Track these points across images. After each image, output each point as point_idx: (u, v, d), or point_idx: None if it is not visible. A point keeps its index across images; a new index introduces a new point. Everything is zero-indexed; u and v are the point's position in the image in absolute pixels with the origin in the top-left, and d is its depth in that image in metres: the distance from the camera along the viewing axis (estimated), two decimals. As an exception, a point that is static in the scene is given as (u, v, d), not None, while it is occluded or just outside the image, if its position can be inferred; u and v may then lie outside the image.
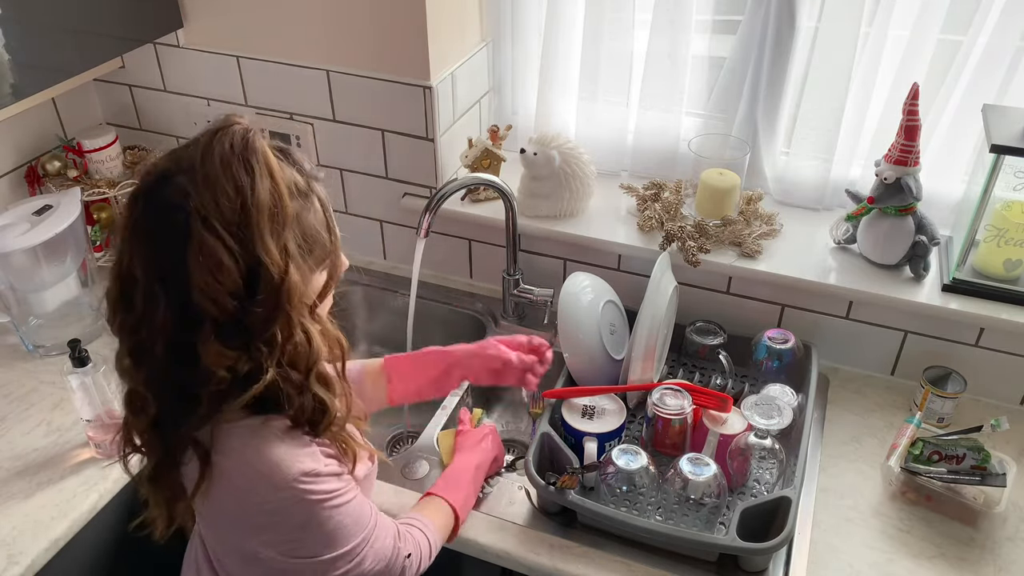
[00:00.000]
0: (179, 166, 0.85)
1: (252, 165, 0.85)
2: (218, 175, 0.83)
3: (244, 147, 0.85)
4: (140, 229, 0.85)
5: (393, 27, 1.54)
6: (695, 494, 1.21)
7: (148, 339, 0.86)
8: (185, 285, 0.83)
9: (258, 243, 0.84)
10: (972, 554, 1.24)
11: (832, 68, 1.51)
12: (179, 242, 0.83)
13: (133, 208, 0.86)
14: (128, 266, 0.86)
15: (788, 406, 1.32)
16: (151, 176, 0.86)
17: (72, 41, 1.50)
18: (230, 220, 0.83)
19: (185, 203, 0.82)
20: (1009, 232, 1.42)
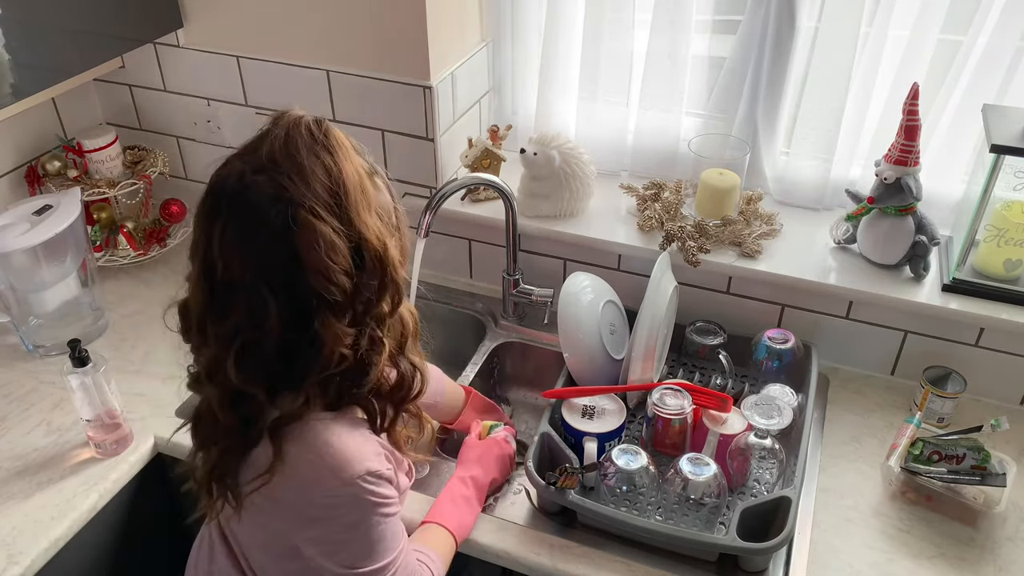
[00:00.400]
0: (260, 163, 0.86)
1: (333, 148, 0.88)
2: (307, 163, 0.86)
3: (323, 133, 0.89)
4: (236, 233, 0.85)
5: (393, 27, 1.54)
6: (695, 494, 1.21)
7: (254, 340, 0.87)
8: (298, 276, 0.85)
9: (356, 220, 0.87)
10: (972, 554, 1.24)
11: (832, 68, 1.51)
12: (285, 236, 0.84)
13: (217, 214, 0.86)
14: (225, 274, 0.86)
15: (788, 406, 1.32)
16: (232, 181, 0.86)
17: (72, 41, 1.50)
18: (329, 203, 0.86)
19: (283, 196, 0.84)
20: (1009, 232, 1.42)
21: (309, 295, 0.86)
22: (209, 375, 0.92)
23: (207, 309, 0.89)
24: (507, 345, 1.71)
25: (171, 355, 1.59)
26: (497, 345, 1.70)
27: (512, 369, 1.75)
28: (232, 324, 0.87)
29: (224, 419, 0.92)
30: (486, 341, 1.70)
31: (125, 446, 1.39)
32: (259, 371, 0.89)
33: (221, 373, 0.90)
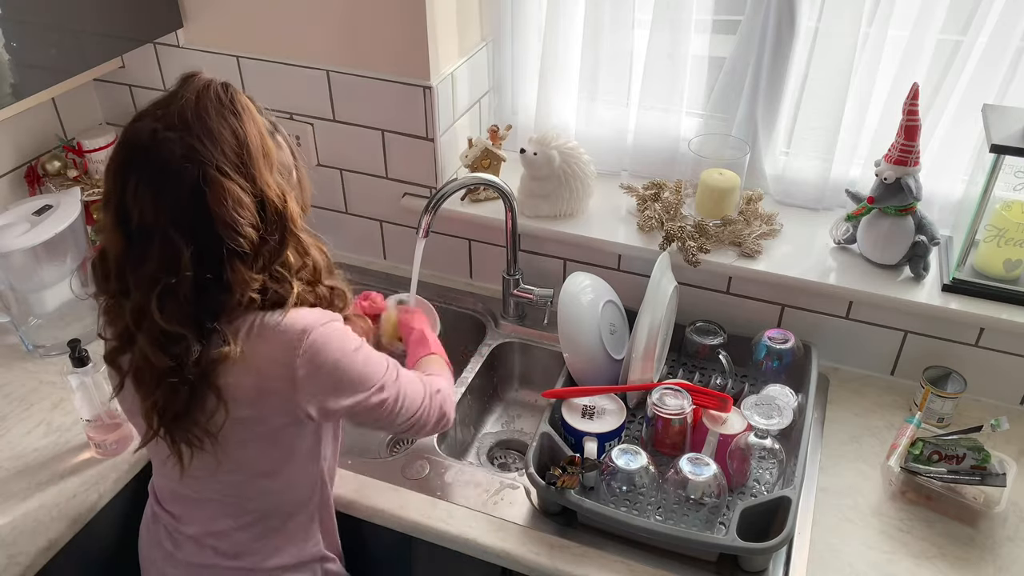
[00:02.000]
0: (172, 122, 0.93)
1: (239, 112, 0.97)
2: (218, 127, 0.94)
3: (230, 98, 0.97)
4: (149, 186, 0.92)
5: (393, 27, 1.54)
6: (695, 494, 1.21)
7: (172, 284, 0.93)
8: (208, 227, 0.93)
9: (259, 178, 0.96)
10: (972, 554, 1.24)
11: (832, 68, 1.51)
12: (196, 191, 0.92)
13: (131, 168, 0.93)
14: (140, 220, 0.92)
15: (788, 406, 1.32)
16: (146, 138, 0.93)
17: (72, 41, 1.50)
18: (235, 163, 0.94)
19: (194, 156, 0.92)
20: (1009, 232, 1.42)
21: (219, 244, 0.94)
22: (136, 323, 0.97)
23: (125, 254, 0.95)
24: (507, 345, 1.71)
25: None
26: (497, 345, 1.70)
27: (512, 369, 1.75)
28: (151, 269, 0.94)
29: (158, 361, 0.97)
30: (486, 341, 1.70)
31: (125, 446, 1.39)
32: (180, 313, 0.95)
33: (147, 319, 0.95)
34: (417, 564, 1.38)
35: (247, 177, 0.95)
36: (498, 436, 1.68)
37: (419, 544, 1.31)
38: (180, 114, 0.94)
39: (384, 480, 1.36)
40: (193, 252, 0.93)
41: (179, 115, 0.94)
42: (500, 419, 1.72)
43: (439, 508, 1.31)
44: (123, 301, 0.98)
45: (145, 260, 0.94)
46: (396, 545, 1.34)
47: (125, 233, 0.94)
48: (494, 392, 1.74)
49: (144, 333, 0.97)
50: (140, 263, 0.94)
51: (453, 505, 1.32)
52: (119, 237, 0.95)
